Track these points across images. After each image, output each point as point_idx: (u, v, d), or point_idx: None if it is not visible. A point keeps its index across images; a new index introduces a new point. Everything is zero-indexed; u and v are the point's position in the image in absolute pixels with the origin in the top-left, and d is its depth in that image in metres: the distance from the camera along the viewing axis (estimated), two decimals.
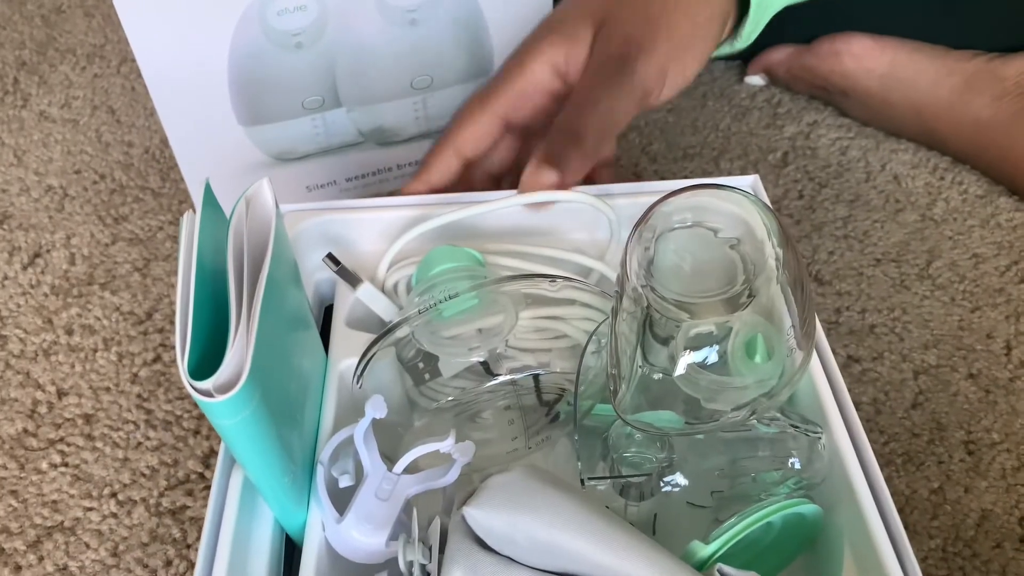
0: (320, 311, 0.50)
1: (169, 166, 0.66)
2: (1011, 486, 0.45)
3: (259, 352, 0.30)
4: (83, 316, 0.55)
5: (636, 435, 0.38)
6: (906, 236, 0.58)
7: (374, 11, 0.53)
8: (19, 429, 0.49)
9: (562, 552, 0.30)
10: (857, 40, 0.64)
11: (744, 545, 0.34)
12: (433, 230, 0.46)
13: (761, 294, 0.33)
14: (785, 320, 0.34)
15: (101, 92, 0.74)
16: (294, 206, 0.48)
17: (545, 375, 0.41)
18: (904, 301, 0.54)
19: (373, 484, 0.36)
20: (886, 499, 0.35)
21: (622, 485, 0.38)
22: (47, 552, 0.44)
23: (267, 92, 0.54)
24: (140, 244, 0.60)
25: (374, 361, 0.39)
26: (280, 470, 0.34)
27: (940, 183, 0.62)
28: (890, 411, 0.49)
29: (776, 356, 0.34)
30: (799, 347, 0.34)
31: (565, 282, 0.40)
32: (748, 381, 0.34)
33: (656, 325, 0.34)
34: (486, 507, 0.31)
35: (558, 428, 0.42)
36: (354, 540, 0.35)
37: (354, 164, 0.60)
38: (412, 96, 0.58)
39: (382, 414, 0.35)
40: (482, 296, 0.40)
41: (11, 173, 0.66)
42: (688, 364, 0.34)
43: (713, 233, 0.35)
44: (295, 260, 0.38)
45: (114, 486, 0.47)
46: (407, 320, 0.38)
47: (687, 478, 0.38)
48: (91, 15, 0.84)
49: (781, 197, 0.62)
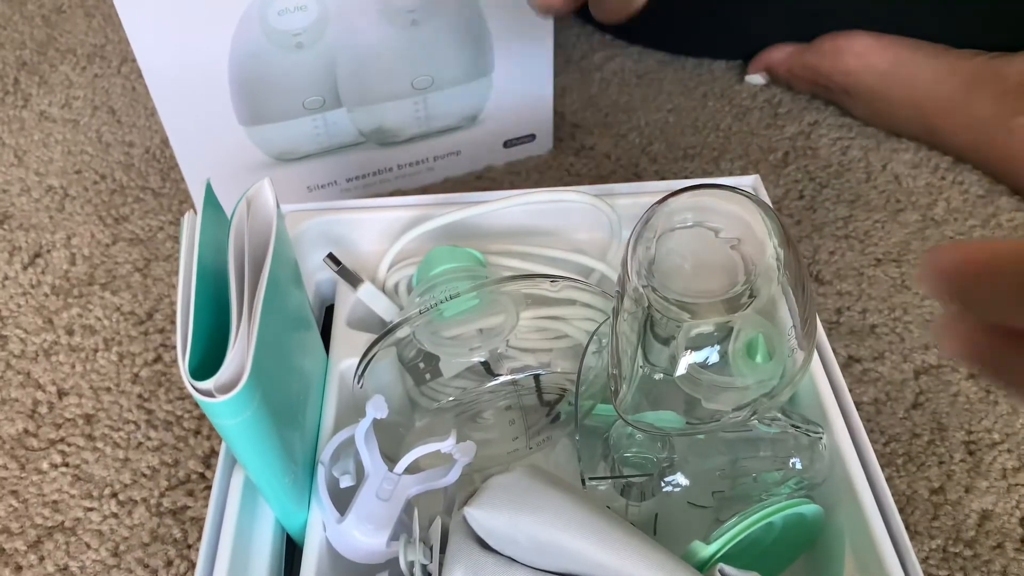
0: (321, 311, 0.50)
1: (170, 166, 0.66)
2: (1012, 486, 0.45)
3: (260, 352, 0.30)
4: (84, 316, 0.55)
5: (637, 435, 0.38)
6: (907, 236, 0.58)
7: (375, 11, 0.53)
8: (20, 429, 0.49)
9: (563, 552, 0.30)
10: (859, 38, 0.64)
11: (745, 545, 0.34)
12: (434, 230, 0.46)
13: (762, 294, 0.33)
14: (786, 320, 0.34)
15: (102, 92, 0.74)
16: (295, 206, 0.48)
17: (546, 375, 0.41)
18: (905, 301, 0.54)
19: (374, 484, 0.36)
20: (887, 499, 0.35)
21: (623, 485, 0.38)
22: (48, 552, 0.44)
23: (268, 92, 0.54)
24: (141, 244, 0.60)
25: (375, 361, 0.39)
26: (281, 470, 0.34)
27: (941, 183, 0.62)
28: (891, 411, 0.49)
29: (777, 356, 0.34)
30: (800, 347, 0.34)
31: (566, 282, 0.40)
32: (749, 381, 0.34)
33: (657, 325, 0.34)
34: (487, 507, 0.31)
35: (559, 428, 0.42)
36: (355, 540, 0.35)
37: (355, 164, 0.60)
38: (412, 96, 0.58)
39: (383, 414, 0.35)
40: (483, 296, 0.40)
41: (12, 173, 0.66)
42: (689, 364, 0.34)
43: (714, 233, 0.35)
44: (296, 260, 0.38)
45: (115, 486, 0.47)
46: (408, 320, 0.38)
47: (688, 478, 0.38)
48: (91, 15, 0.84)
49: (782, 197, 0.62)
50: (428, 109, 0.59)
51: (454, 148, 0.62)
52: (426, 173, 0.63)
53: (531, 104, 0.62)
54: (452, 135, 0.61)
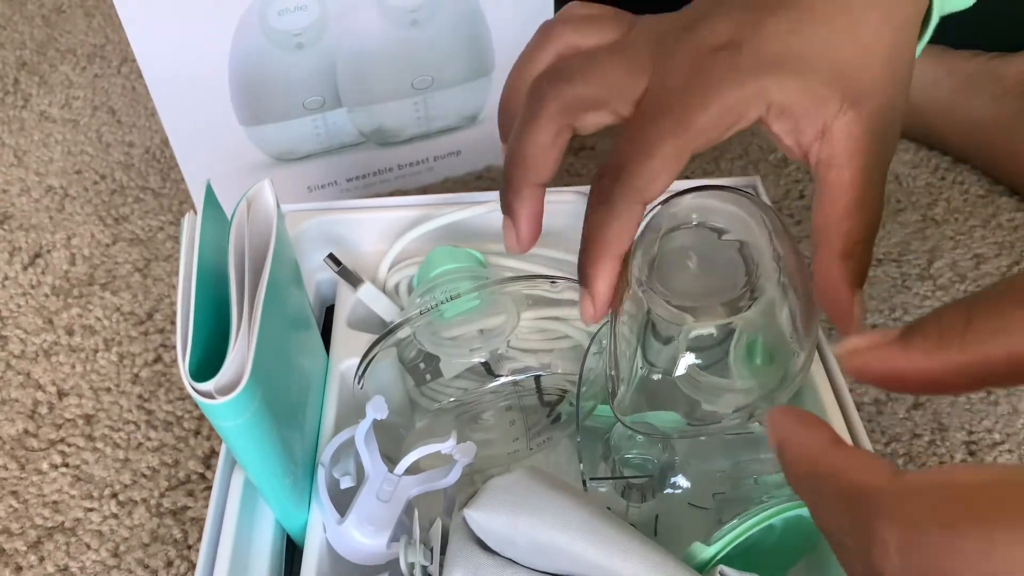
0: (321, 311, 0.50)
1: (170, 166, 0.66)
2: None
3: (260, 353, 0.30)
4: (84, 316, 0.55)
5: (638, 436, 0.38)
6: (907, 236, 0.58)
7: (375, 11, 0.53)
8: (20, 430, 0.49)
9: (563, 554, 0.30)
10: None
11: (746, 547, 0.34)
12: (434, 230, 0.46)
13: (763, 296, 0.33)
14: (786, 322, 0.34)
15: (101, 92, 0.74)
16: (295, 206, 0.48)
17: (547, 376, 0.41)
18: (905, 301, 0.54)
19: (374, 485, 0.36)
20: None
21: (624, 486, 0.38)
22: (48, 553, 0.44)
23: (268, 92, 0.54)
24: (141, 244, 0.60)
25: (375, 362, 0.39)
26: (281, 471, 0.34)
27: (941, 183, 0.62)
28: (891, 411, 0.49)
29: (778, 359, 0.34)
30: (800, 349, 0.34)
31: (566, 283, 0.40)
32: (749, 383, 0.34)
33: (658, 326, 0.34)
34: (487, 509, 0.31)
35: (560, 429, 0.42)
36: (355, 541, 0.35)
37: (355, 164, 0.60)
38: (413, 96, 0.58)
39: (383, 415, 0.35)
40: (484, 297, 0.40)
41: (11, 173, 0.66)
42: (689, 365, 0.34)
43: (717, 235, 0.35)
44: (296, 261, 0.38)
45: (115, 487, 0.46)
46: (408, 321, 0.38)
47: (689, 480, 0.38)
48: (91, 15, 0.84)
49: (782, 197, 0.62)
50: (428, 109, 0.59)
51: (454, 148, 0.62)
52: (426, 173, 0.63)
53: None
54: (452, 135, 0.61)
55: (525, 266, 0.45)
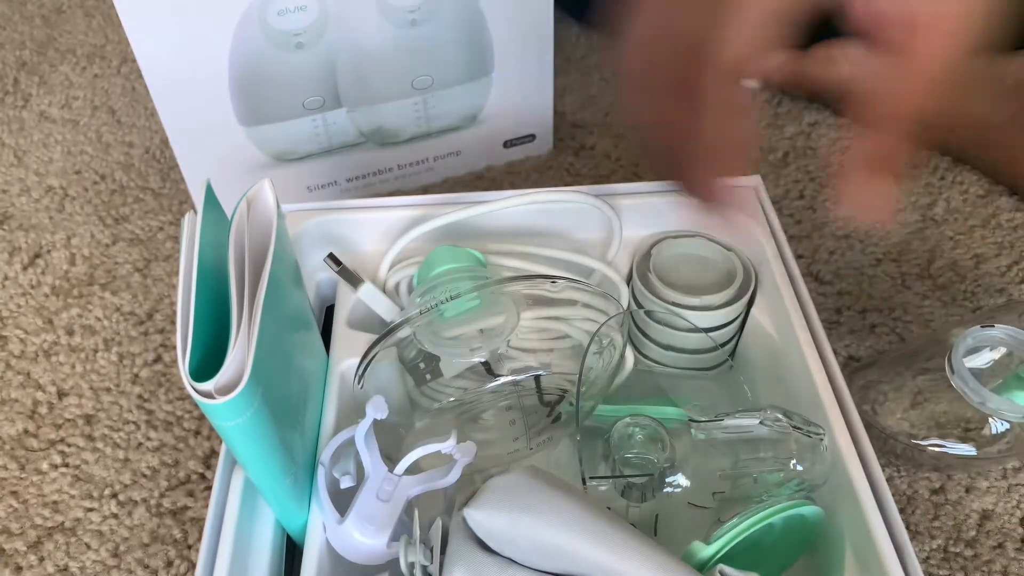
0: (321, 311, 0.50)
1: (170, 166, 0.66)
2: (1012, 486, 0.45)
3: (260, 353, 0.30)
4: (84, 316, 0.55)
5: (638, 436, 0.38)
6: (907, 236, 0.58)
7: (375, 11, 0.53)
8: (20, 430, 0.49)
9: (563, 553, 0.30)
10: (853, 45, 0.63)
11: (745, 546, 0.34)
12: (434, 230, 0.46)
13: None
14: None
15: (101, 92, 0.74)
16: (295, 206, 0.48)
17: (547, 376, 0.41)
18: (905, 301, 0.54)
19: (374, 485, 0.36)
20: (887, 499, 0.35)
21: (624, 486, 0.38)
22: (48, 553, 0.44)
23: (267, 92, 0.54)
24: (141, 244, 0.60)
25: (375, 362, 0.39)
26: (281, 471, 0.34)
27: (940, 183, 0.62)
28: None
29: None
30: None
31: (567, 283, 0.40)
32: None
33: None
34: (487, 508, 0.31)
35: (560, 429, 0.42)
36: (355, 541, 0.35)
37: (355, 164, 0.60)
38: (412, 96, 0.58)
39: (383, 415, 0.35)
40: (484, 297, 0.40)
41: (11, 173, 0.66)
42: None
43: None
44: (296, 260, 0.38)
45: (115, 487, 0.47)
46: (408, 320, 0.38)
47: (689, 479, 0.38)
48: (91, 15, 0.84)
49: (782, 197, 0.62)
50: (428, 109, 0.59)
51: (454, 148, 0.62)
52: (426, 173, 0.63)
53: (531, 104, 0.62)
54: (452, 135, 0.61)
55: (525, 265, 0.45)
